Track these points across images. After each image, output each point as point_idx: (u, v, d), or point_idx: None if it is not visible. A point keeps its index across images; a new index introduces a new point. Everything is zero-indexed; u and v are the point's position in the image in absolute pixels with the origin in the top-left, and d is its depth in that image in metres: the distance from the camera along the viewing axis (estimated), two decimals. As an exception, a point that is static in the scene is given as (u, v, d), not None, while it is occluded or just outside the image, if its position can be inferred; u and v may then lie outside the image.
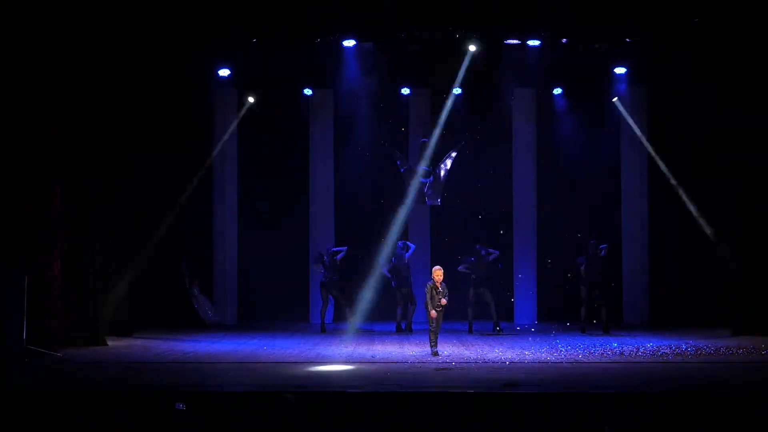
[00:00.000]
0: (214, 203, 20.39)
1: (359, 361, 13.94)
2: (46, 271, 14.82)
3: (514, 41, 18.04)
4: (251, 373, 12.98)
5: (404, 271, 18.38)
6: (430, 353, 14.34)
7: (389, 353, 14.79)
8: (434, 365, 13.45)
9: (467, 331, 17.91)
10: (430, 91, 20.53)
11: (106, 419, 10.17)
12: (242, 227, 20.56)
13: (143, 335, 17.39)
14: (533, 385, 11.45)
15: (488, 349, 15.25)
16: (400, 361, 13.95)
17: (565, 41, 17.98)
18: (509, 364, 13.54)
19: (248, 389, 11.32)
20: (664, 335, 17.13)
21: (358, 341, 16.39)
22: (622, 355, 14.54)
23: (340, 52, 18.37)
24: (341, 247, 19.07)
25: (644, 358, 14.24)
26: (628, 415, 10.14)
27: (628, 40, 17.93)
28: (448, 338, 16.47)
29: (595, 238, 18.29)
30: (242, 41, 17.82)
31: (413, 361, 13.91)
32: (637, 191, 20.36)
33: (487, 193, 20.61)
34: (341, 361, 13.94)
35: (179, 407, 10.15)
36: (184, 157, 19.44)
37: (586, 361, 13.97)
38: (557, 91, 20.38)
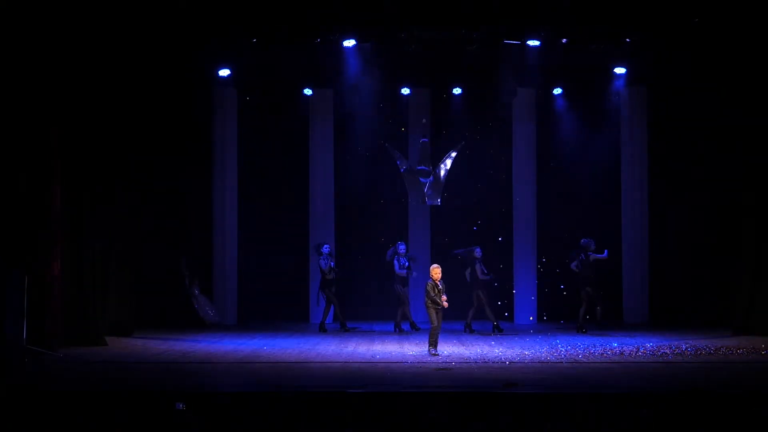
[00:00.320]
0: (214, 203, 20.39)
1: (359, 361, 13.94)
2: (46, 271, 14.80)
3: (514, 41, 18.05)
4: (251, 373, 12.97)
5: (409, 277, 18.54)
6: (429, 353, 14.34)
7: (389, 353, 14.79)
8: (434, 365, 13.44)
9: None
10: (429, 91, 20.54)
11: (106, 419, 10.18)
12: (242, 227, 20.57)
13: (143, 335, 17.36)
14: (533, 385, 11.46)
15: (488, 349, 15.26)
16: (400, 361, 13.95)
17: (565, 41, 17.96)
18: (509, 364, 13.55)
19: (248, 389, 11.32)
20: (664, 335, 17.13)
21: (358, 341, 16.39)
22: (622, 355, 14.54)
23: (340, 51, 18.35)
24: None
25: (644, 358, 14.23)
26: (628, 415, 10.14)
27: (628, 40, 17.91)
28: (448, 338, 16.48)
29: (588, 237, 18.23)
30: (242, 41, 17.81)
31: (413, 361, 13.90)
32: (636, 191, 20.36)
33: (487, 193, 20.61)
34: (341, 361, 13.94)
35: (179, 407, 10.17)
36: (184, 157, 19.47)
37: (586, 361, 13.96)
38: (557, 91, 20.40)
